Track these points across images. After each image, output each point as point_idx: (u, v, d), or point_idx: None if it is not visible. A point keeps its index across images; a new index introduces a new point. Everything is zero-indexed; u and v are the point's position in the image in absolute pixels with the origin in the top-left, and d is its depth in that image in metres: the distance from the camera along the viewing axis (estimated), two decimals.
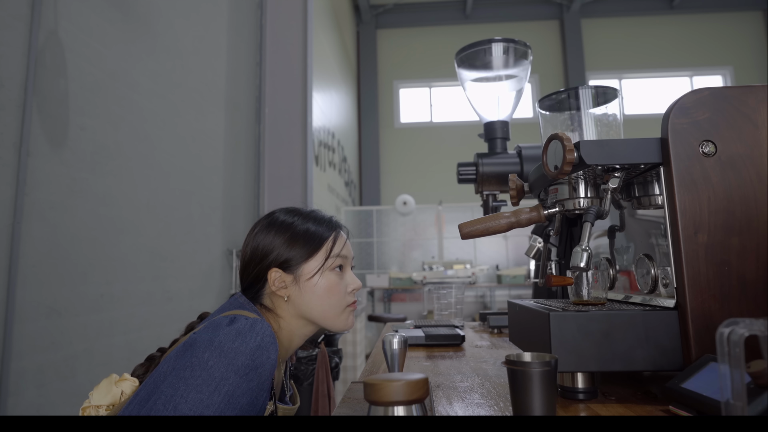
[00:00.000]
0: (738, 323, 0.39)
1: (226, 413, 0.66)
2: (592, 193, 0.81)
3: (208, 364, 0.68)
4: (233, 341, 0.71)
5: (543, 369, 0.55)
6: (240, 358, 0.70)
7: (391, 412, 0.53)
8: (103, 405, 0.77)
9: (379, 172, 8.55)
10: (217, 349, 0.70)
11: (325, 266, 0.88)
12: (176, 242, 2.55)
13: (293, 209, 0.94)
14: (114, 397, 0.78)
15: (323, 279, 0.87)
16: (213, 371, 0.68)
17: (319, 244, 0.88)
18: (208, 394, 0.66)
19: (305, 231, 0.89)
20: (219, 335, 0.71)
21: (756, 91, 0.71)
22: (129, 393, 0.80)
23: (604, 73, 8.63)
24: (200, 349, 0.70)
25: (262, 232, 0.90)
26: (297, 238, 0.88)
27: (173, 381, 0.68)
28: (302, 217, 0.91)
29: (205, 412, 0.65)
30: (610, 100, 0.88)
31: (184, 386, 0.67)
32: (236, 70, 3.38)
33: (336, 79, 6.48)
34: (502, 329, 1.54)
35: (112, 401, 0.78)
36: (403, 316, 4.13)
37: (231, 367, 0.69)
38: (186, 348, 0.73)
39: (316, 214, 0.93)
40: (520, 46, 1.33)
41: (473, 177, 1.33)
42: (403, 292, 6.66)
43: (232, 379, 0.68)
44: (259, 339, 0.72)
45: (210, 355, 0.69)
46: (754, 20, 8.58)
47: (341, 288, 0.89)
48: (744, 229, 0.68)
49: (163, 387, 0.69)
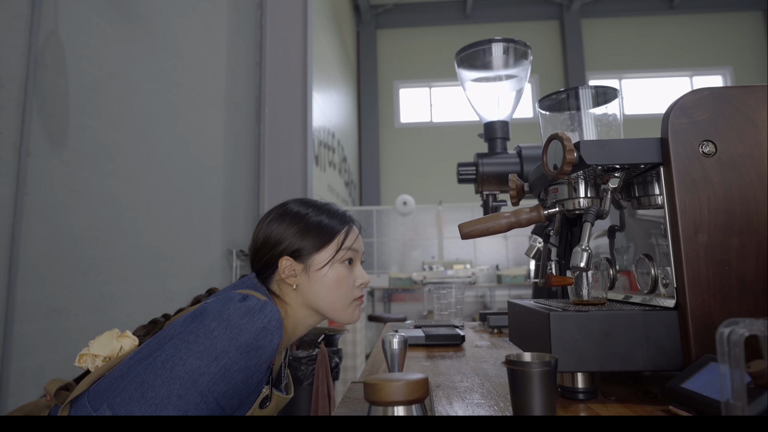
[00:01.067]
0: (738, 323, 0.39)
1: (219, 385, 0.67)
2: (592, 193, 0.81)
3: (213, 334, 0.69)
4: (241, 318, 0.72)
5: (543, 369, 0.55)
6: (244, 335, 0.70)
7: (391, 412, 0.53)
8: (101, 356, 0.80)
9: (379, 172, 8.55)
10: (224, 322, 0.71)
11: (335, 258, 0.88)
12: (176, 242, 2.55)
13: (308, 200, 0.95)
14: (113, 350, 0.80)
15: (333, 271, 0.88)
16: (216, 342, 0.69)
17: (331, 237, 0.89)
18: (206, 363, 0.67)
19: (318, 223, 0.90)
20: (229, 309, 0.72)
21: (756, 91, 0.71)
22: (127, 350, 0.82)
23: (604, 73, 8.63)
24: (209, 318, 0.71)
25: (276, 220, 0.91)
26: (310, 229, 0.89)
27: (177, 343, 0.70)
28: (316, 209, 0.92)
29: (200, 379, 0.66)
30: (610, 100, 0.88)
31: (186, 350, 0.68)
32: (236, 70, 3.38)
33: (336, 79, 6.48)
34: (502, 329, 1.54)
35: (110, 354, 0.80)
36: (403, 316, 4.13)
37: (234, 342, 0.70)
38: (195, 315, 0.74)
39: (330, 207, 0.94)
40: (520, 46, 1.33)
41: (473, 177, 1.33)
42: (403, 292, 6.66)
43: (232, 353, 0.69)
44: (266, 321, 0.73)
45: (216, 326, 0.70)
46: (754, 20, 8.58)
47: (350, 281, 0.90)
48: (744, 229, 0.68)
49: (166, 347, 0.70)
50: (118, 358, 0.79)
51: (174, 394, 0.64)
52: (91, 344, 0.81)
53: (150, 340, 0.78)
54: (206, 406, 0.66)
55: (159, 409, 0.63)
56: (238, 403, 0.73)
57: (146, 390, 0.64)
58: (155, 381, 0.65)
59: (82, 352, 0.80)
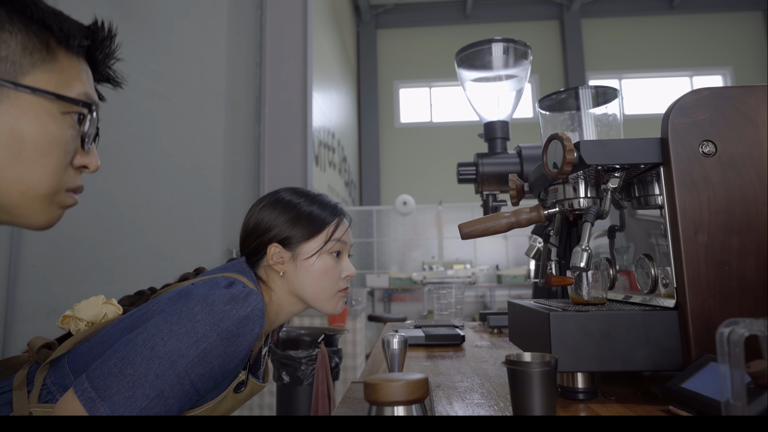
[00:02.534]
0: (738, 323, 0.39)
1: (197, 368, 0.69)
2: (592, 193, 0.81)
3: (196, 318, 0.70)
4: (225, 304, 0.72)
5: (543, 369, 0.55)
6: (226, 321, 0.71)
7: (391, 412, 0.53)
8: (84, 320, 0.81)
9: (379, 172, 8.55)
10: (208, 306, 0.72)
11: (324, 249, 0.90)
12: (176, 242, 2.55)
13: (300, 190, 0.96)
14: (97, 316, 0.82)
15: (320, 261, 0.90)
16: (198, 326, 0.70)
17: (321, 227, 0.91)
18: (186, 346, 0.68)
19: (309, 213, 0.91)
20: (214, 294, 0.73)
21: (756, 91, 0.71)
22: (111, 318, 0.83)
23: (604, 73, 8.63)
24: (193, 301, 0.72)
25: (268, 207, 0.92)
26: (300, 218, 0.90)
27: (159, 322, 0.70)
28: (308, 199, 0.93)
29: (178, 360, 0.67)
30: (610, 100, 0.88)
31: (167, 331, 0.69)
32: (236, 70, 3.38)
33: (336, 79, 6.48)
34: (502, 329, 1.54)
35: (93, 319, 0.82)
36: (403, 316, 4.13)
37: (215, 327, 0.70)
38: (180, 295, 0.75)
39: (322, 199, 0.95)
40: (520, 46, 1.33)
41: (473, 177, 1.33)
42: (403, 292, 6.66)
43: (213, 338, 0.70)
44: (249, 309, 0.74)
45: (200, 310, 0.71)
46: (754, 20, 8.58)
47: (336, 272, 0.92)
48: (744, 229, 0.68)
49: (149, 325, 0.71)
50: (100, 324, 0.81)
51: (152, 373, 0.65)
52: (76, 307, 0.83)
53: (134, 310, 0.79)
54: (181, 387, 0.67)
55: (136, 387, 0.64)
56: (212, 386, 0.74)
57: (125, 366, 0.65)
58: (135, 358, 0.66)
59: (66, 314, 0.83)
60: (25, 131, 0.52)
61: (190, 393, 0.69)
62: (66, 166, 0.57)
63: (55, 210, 0.57)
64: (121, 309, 0.86)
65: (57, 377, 0.73)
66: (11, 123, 0.51)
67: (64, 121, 0.55)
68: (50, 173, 0.55)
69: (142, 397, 0.64)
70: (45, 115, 0.53)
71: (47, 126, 0.54)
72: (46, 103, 0.54)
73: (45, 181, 0.54)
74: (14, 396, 0.71)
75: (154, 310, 0.75)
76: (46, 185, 0.55)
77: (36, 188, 0.54)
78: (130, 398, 0.63)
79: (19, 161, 0.52)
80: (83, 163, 0.59)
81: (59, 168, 0.55)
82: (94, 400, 0.63)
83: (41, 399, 0.71)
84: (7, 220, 0.55)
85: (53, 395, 0.71)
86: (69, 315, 0.82)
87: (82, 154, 0.59)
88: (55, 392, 0.72)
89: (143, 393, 0.64)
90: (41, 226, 0.57)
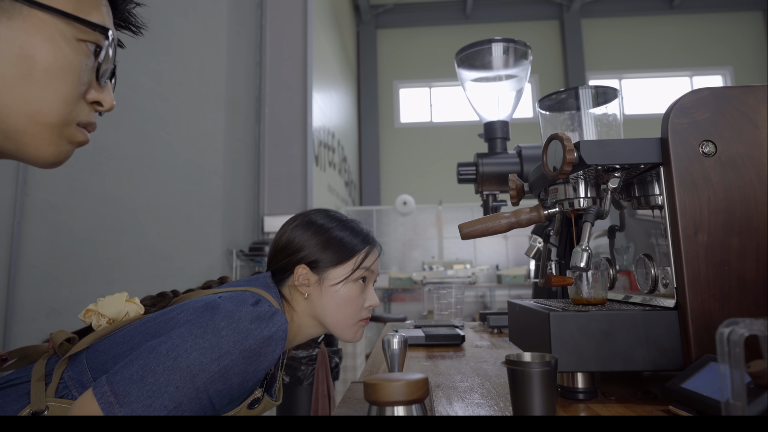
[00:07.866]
0: (738, 323, 0.39)
1: (216, 384, 0.69)
2: (592, 193, 0.81)
3: (221, 333, 0.71)
4: (251, 322, 0.73)
5: (543, 369, 0.55)
6: (250, 340, 0.72)
7: (391, 412, 0.53)
8: (106, 316, 0.82)
9: (379, 172, 8.55)
10: (234, 323, 0.72)
11: (351, 277, 0.90)
12: (176, 242, 2.55)
13: (334, 214, 0.96)
14: (119, 313, 0.82)
15: (345, 288, 0.89)
16: (222, 342, 0.70)
17: (351, 254, 0.90)
18: (209, 361, 0.69)
19: (341, 239, 0.91)
20: (241, 311, 0.73)
21: (756, 91, 0.71)
22: (132, 317, 0.83)
23: (604, 73, 8.63)
24: (219, 316, 0.72)
25: (300, 227, 0.92)
26: (331, 243, 0.90)
27: (184, 333, 0.71)
28: (341, 224, 0.93)
29: (199, 375, 0.68)
30: (610, 100, 0.88)
31: (192, 343, 0.69)
32: (236, 70, 3.38)
33: (336, 79, 6.48)
34: (502, 329, 1.54)
35: (115, 316, 0.82)
36: (403, 316, 4.12)
37: (239, 345, 0.71)
38: (207, 308, 0.75)
39: (355, 225, 0.95)
40: (520, 46, 1.33)
41: (473, 177, 1.33)
42: (403, 292, 6.66)
43: (235, 356, 0.70)
44: (273, 330, 0.74)
45: (226, 326, 0.71)
46: (754, 20, 8.58)
47: (359, 301, 0.91)
48: (744, 229, 0.68)
49: (173, 334, 0.71)
50: (122, 322, 0.81)
51: (172, 384, 0.65)
52: (99, 302, 0.83)
53: (157, 314, 0.79)
54: (199, 401, 0.67)
55: (155, 397, 0.64)
56: (228, 402, 0.74)
57: (147, 374, 0.65)
58: (157, 367, 0.66)
59: (89, 307, 0.83)
60: (36, 51, 0.48)
61: (206, 407, 0.69)
62: (79, 97, 0.53)
63: (64, 144, 0.53)
64: (143, 309, 0.87)
65: (74, 372, 0.74)
66: (22, 40, 0.48)
67: (79, 47, 0.51)
68: (61, 100, 0.51)
69: (161, 407, 0.64)
70: (59, 37, 0.50)
71: (61, 49, 0.50)
72: (62, 25, 0.50)
73: (55, 108, 0.50)
74: (32, 388, 0.72)
75: (179, 319, 0.76)
76: (56, 112, 0.51)
77: (45, 114, 0.50)
78: (148, 407, 0.64)
79: (29, 82, 0.49)
80: (97, 99, 0.55)
81: (71, 97, 0.52)
82: (113, 405, 0.63)
83: (57, 393, 0.72)
84: (12, 150, 0.51)
85: (69, 390, 0.72)
86: (92, 309, 0.83)
87: (98, 89, 0.55)
88: (71, 388, 0.72)
89: (162, 404, 0.64)
90: (48, 160, 0.53)
